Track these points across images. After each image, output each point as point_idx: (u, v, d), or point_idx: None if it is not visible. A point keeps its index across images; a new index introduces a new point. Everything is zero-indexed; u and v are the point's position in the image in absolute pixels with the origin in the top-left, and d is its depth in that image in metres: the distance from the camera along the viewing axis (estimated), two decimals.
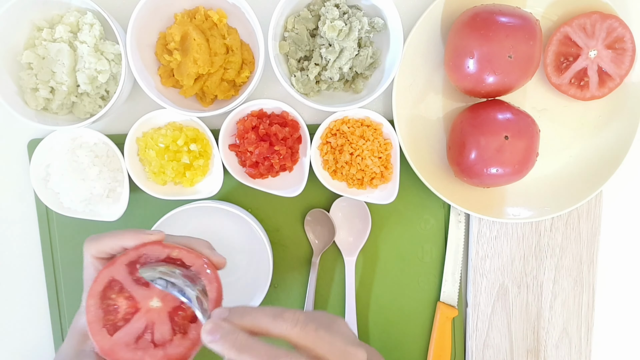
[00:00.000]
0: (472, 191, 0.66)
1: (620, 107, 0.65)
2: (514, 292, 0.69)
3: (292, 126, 0.63)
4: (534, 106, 0.66)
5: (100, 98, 0.63)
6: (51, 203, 0.63)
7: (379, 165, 0.63)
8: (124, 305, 0.40)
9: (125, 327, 0.40)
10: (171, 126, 0.63)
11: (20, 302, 0.70)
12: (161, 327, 0.40)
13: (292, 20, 0.62)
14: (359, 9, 0.63)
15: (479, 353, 0.69)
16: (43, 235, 0.68)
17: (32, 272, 0.69)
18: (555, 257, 0.69)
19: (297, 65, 0.64)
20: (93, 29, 0.60)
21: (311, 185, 0.64)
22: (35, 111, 0.61)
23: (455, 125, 0.63)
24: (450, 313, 0.68)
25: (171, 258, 0.42)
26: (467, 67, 0.58)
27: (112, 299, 0.40)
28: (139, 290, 0.41)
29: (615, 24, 0.60)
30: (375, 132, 0.64)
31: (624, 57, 0.61)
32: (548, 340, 0.70)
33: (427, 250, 0.70)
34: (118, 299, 0.40)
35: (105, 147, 0.64)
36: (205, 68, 0.60)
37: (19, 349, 0.70)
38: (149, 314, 0.40)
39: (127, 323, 0.40)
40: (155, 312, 0.41)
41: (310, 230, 0.69)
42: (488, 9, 0.59)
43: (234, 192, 0.68)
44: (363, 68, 0.63)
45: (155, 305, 0.41)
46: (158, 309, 0.41)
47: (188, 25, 0.60)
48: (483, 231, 0.69)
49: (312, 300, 0.67)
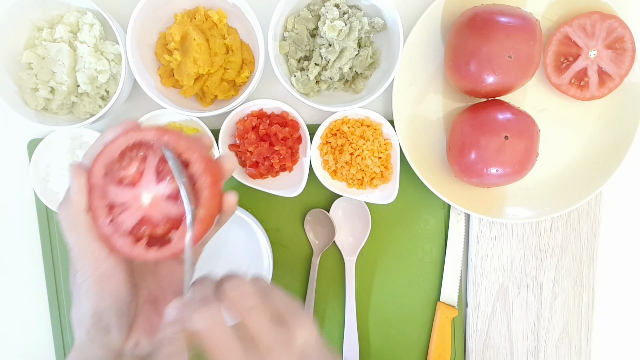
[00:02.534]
0: (472, 191, 0.66)
1: (620, 107, 0.65)
2: (514, 292, 0.69)
3: (292, 126, 0.63)
4: (534, 106, 0.66)
5: (100, 98, 0.63)
6: (51, 203, 0.63)
7: (379, 165, 0.63)
8: (122, 192, 0.38)
9: (124, 213, 0.38)
10: (171, 126, 0.63)
11: (20, 302, 0.70)
12: (155, 221, 0.38)
13: (292, 20, 0.62)
14: (359, 9, 0.63)
15: (479, 353, 0.69)
16: (43, 235, 0.68)
17: (32, 272, 0.69)
18: (555, 257, 0.69)
19: (297, 65, 0.64)
20: (93, 29, 0.60)
21: (311, 185, 0.64)
22: (35, 111, 0.61)
23: (455, 125, 0.63)
24: (450, 313, 0.68)
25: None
26: (467, 67, 0.58)
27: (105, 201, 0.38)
28: (125, 192, 0.38)
29: (615, 24, 0.60)
30: (375, 132, 0.64)
31: (624, 57, 0.61)
32: (548, 340, 0.70)
33: (427, 250, 0.70)
34: (115, 182, 0.38)
35: None
36: (205, 68, 0.60)
37: (19, 349, 0.70)
38: (141, 209, 0.38)
39: (126, 210, 0.38)
40: (146, 208, 0.38)
41: (310, 230, 0.69)
42: (488, 9, 0.59)
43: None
44: (363, 68, 0.63)
45: (146, 202, 0.38)
46: (150, 205, 0.38)
47: (188, 25, 0.60)
48: (483, 231, 0.69)
49: (312, 300, 0.67)
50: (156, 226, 0.39)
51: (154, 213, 0.39)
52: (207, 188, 0.37)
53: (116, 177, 0.38)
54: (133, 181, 0.38)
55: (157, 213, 0.38)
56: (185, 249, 0.37)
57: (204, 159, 0.38)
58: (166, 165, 0.38)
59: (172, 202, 0.38)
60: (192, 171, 0.38)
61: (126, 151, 0.38)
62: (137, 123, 0.39)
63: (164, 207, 0.39)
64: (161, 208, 0.38)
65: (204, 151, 0.39)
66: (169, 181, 0.38)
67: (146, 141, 0.38)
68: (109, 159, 0.38)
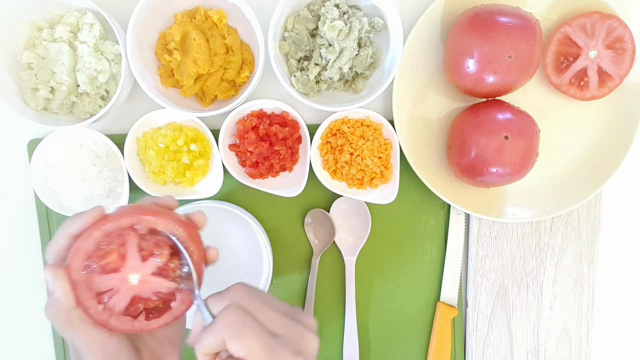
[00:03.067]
0: (472, 191, 0.66)
1: (620, 107, 0.65)
2: (514, 292, 0.69)
3: (292, 126, 0.63)
4: (534, 106, 0.66)
5: (100, 98, 0.63)
6: (51, 203, 0.63)
7: (379, 165, 0.63)
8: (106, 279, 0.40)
9: (114, 297, 0.40)
10: (171, 126, 0.63)
11: (20, 302, 0.70)
12: (146, 297, 0.41)
13: (292, 20, 0.62)
14: (359, 9, 0.63)
15: (479, 353, 0.69)
16: (43, 235, 0.68)
17: (32, 272, 0.69)
18: (555, 257, 0.69)
19: (297, 65, 0.64)
20: (93, 29, 0.60)
21: (311, 185, 0.64)
22: (35, 111, 0.61)
23: (455, 125, 0.63)
24: (450, 313, 0.68)
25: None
26: (467, 67, 0.58)
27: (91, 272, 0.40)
28: (110, 278, 0.40)
29: (615, 24, 0.60)
30: (375, 132, 0.64)
31: (624, 57, 0.61)
32: (548, 340, 0.70)
33: (427, 250, 0.70)
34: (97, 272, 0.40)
35: (105, 147, 0.64)
36: (205, 68, 0.60)
37: (19, 349, 0.70)
38: (131, 290, 0.40)
39: (115, 294, 0.40)
40: (135, 287, 0.40)
41: (310, 230, 0.69)
42: (488, 9, 0.59)
43: (234, 192, 0.68)
44: (363, 68, 0.63)
45: (134, 282, 0.40)
46: (138, 284, 0.40)
47: (188, 25, 0.60)
48: (483, 231, 0.69)
49: (312, 300, 0.67)
50: (147, 300, 0.41)
51: (143, 289, 0.41)
52: (195, 251, 0.41)
53: (97, 267, 0.40)
54: (115, 266, 0.40)
55: (146, 288, 0.41)
56: (197, 301, 0.40)
57: (183, 226, 0.41)
58: (145, 243, 0.40)
59: (160, 276, 0.41)
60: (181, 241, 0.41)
61: (102, 240, 0.40)
62: (101, 212, 0.41)
63: (153, 282, 0.41)
64: (150, 283, 0.41)
65: (176, 217, 0.42)
66: (155, 257, 0.41)
67: (124, 228, 0.40)
68: (86, 253, 0.39)
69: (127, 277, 0.40)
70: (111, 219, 0.40)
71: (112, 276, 0.40)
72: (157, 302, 0.41)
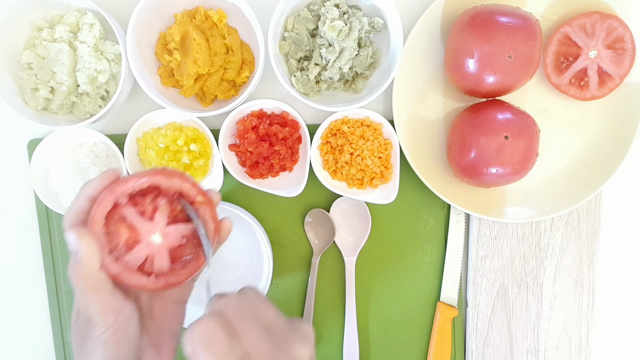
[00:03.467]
0: (472, 191, 0.66)
1: (620, 107, 0.65)
2: (514, 292, 0.69)
3: (292, 126, 0.63)
4: (534, 106, 0.66)
5: (100, 98, 0.63)
6: (51, 203, 0.63)
7: (379, 165, 0.63)
8: (126, 234, 0.41)
9: (128, 254, 0.41)
10: (171, 126, 0.63)
11: (20, 302, 0.70)
12: (160, 260, 0.42)
13: (292, 20, 0.62)
14: (359, 9, 0.63)
15: (479, 353, 0.69)
16: (43, 235, 0.68)
17: (32, 272, 0.69)
18: (555, 257, 0.69)
19: (297, 65, 0.64)
20: (93, 29, 0.60)
21: (311, 185, 0.64)
22: (35, 111, 0.61)
23: (455, 125, 0.63)
24: (450, 313, 0.68)
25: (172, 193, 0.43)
26: (467, 67, 0.58)
27: (116, 227, 0.41)
28: (143, 224, 0.41)
29: (615, 24, 0.60)
30: (375, 132, 0.64)
31: (624, 57, 0.61)
32: (548, 340, 0.70)
33: (427, 250, 0.70)
34: (121, 228, 0.41)
35: (105, 147, 0.64)
36: (205, 68, 0.60)
37: (19, 349, 0.70)
38: (150, 247, 0.42)
39: (130, 251, 0.41)
40: (155, 246, 0.42)
41: (310, 230, 0.69)
42: (488, 9, 0.59)
43: (234, 192, 0.68)
44: (363, 68, 0.63)
45: (156, 241, 0.42)
46: (158, 245, 0.42)
47: (188, 25, 0.60)
48: (483, 231, 0.69)
49: (312, 300, 0.67)
50: (160, 260, 0.42)
51: (160, 250, 0.42)
52: (210, 219, 0.43)
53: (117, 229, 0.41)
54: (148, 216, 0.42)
55: (163, 250, 0.42)
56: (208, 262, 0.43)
57: (202, 192, 0.43)
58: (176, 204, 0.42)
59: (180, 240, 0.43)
60: (197, 207, 0.43)
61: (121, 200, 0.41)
62: (115, 174, 0.42)
63: (171, 244, 0.43)
64: (168, 244, 0.42)
65: (198, 186, 0.44)
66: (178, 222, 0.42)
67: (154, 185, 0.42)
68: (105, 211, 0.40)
69: (153, 232, 0.42)
70: (129, 179, 0.41)
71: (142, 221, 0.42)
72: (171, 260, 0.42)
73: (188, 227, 0.43)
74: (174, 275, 0.42)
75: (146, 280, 0.41)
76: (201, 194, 0.43)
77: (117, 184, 0.40)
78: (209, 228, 0.43)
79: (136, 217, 0.41)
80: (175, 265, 0.42)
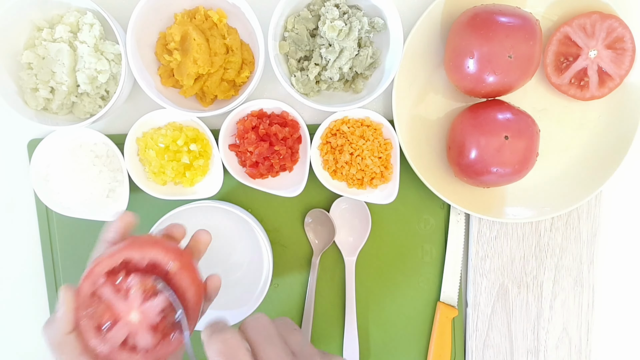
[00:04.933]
0: (472, 191, 0.66)
1: (620, 107, 0.65)
2: (514, 292, 0.69)
3: (292, 126, 0.63)
4: (534, 106, 0.66)
5: (100, 98, 0.63)
6: (51, 203, 0.63)
7: (379, 165, 0.63)
8: (107, 313, 0.42)
9: (110, 332, 0.41)
10: (171, 126, 0.63)
11: (20, 302, 0.70)
12: (142, 337, 0.42)
13: (292, 20, 0.62)
14: (359, 9, 0.63)
15: (479, 353, 0.69)
16: (43, 235, 0.68)
17: (32, 272, 0.69)
18: (555, 257, 0.69)
19: (297, 65, 0.64)
20: (93, 29, 0.60)
21: (311, 185, 0.64)
22: (35, 111, 0.61)
23: (455, 125, 0.63)
24: (450, 313, 0.68)
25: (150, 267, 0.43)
26: (467, 67, 0.58)
27: (98, 305, 0.41)
28: (119, 302, 0.42)
29: (615, 24, 0.60)
30: (375, 132, 0.64)
31: (624, 57, 0.61)
32: (548, 340, 0.70)
33: (427, 250, 0.70)
34: (100, 306, 0.42)
35: (105, 147, 0.64)
36: (205, 68, 0.60)
37: (19, 349, 0.70)
38: (129, 325, 0.42)
39: (111, 330, 0.41)
40: (134, 324, 0.42)
41: (310, 230, 0.69)
42: (488, 9, 0.59)
43: (234, 192, 0.68)
44: (363, 68, 0.63)
45: (134, 320, 0.42)
46: (137, 323, 0.42)
47: (188, 25, 0.60)
48: (483, 231, 0.69)
49: (312, 300, 0.67)
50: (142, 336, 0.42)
51: (140, 327, 0.42)
52: (189, 284, 0.42)
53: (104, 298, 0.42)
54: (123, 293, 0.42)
55: (143, 326, 0.42)
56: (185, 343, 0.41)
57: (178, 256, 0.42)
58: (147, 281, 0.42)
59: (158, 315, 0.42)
60: (172, 276, 0.42)
61: (113, 271, 0.42)
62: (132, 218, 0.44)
63: (150, 320, 0.42)
64: (147, 321, 0.42)
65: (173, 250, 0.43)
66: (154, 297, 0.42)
67: (131, 260, 0.42)
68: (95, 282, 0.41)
69: (128, 311, 0.42)
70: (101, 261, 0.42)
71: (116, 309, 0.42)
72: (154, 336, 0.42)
73: (165, 299, 0.42)
74: (163, 346, 0.42)
75: (137, 357, 0.41)
76: (177, 258, 0.42)
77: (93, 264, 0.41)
78: (189, 296, 0.42)
79: (112, 295, 0.41)
80: (161, 338, 0.42)
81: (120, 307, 0.41)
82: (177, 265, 0.42)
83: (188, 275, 0.42)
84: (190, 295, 0.42)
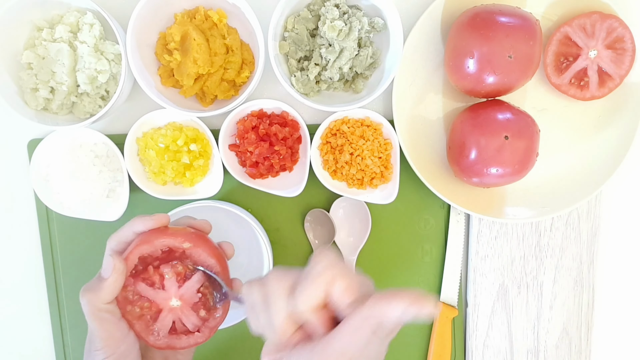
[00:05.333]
0: (472, 191, 0.66)
1: (620, 107, 0.65)
2: (514, 292, 0.69)
3: (292, 126, 0.63)
4: (534, 106, 0.66)
5: (100, 98, 0.63)
6: (51, 203, 0.63)
7: (379, 165, 0.63)
8: (147, 308, 0.44)
9: (156, 324, 0.44)
10: (171, 126, 0.63)
11: (20, 302, 0.70)
12: (188, 318, 0.45)
13: (292, 20, 0.62)
14: (359, 9, 0.63)
15: (479, 353, 0.69)
16: (43, 235, 0.68)
17: (32, 272, 0.69)
18: (555, 257, 0.69)
19: (297, 65, 0.64)
20: (93, 29, 0.60)
21: (311, 185, 0.64)
22: (35, 111, 0.61)
23: (455, 125, 0.63)
24: (450, 313, 0.68)
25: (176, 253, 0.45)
26: (467, 67, 0.58)
27: (134, 304, 0.44)
28: (157, 294, 0.44)
29: (615, 24, 0.60)
30: (375, 132, 0.64)
31: (624, 57, 0.61)
32: (548, 340, 0.70)
33: (427, 250, 0.70)
34: (140, 304, 0.44)
35: (105, 147, 0.64)
36: (205, 68, 0.60)
37: (19, 349, 0.70)
38: (173, 311, 0.44)
39: (155, 322, 0.44)
40: (177, 309, 0.44)
41: (310, 230, 0.69)
42: (488, 9, 0.59)
43: (234, 192, 0.68)
44: (363, 68, 0.63)
45: (175, 305, 0.44)
46: (180, 307, 0.44)
47: (188, 25, 0.60)
48: (483, 231, 0.69)
49: None
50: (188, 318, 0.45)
51: (179, 311, 0.45)
52: (207, 256, 0.45)
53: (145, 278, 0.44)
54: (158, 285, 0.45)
55: (181, 311, 0.45)
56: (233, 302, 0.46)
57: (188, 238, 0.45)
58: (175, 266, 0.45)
59: (193, 299, 0.45)
60: (191, 254, 0.45)
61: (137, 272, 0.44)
62: (166, 220, 0.46)
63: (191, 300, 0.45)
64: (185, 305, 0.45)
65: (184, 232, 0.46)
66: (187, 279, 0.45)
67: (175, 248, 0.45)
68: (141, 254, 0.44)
69: (168, 297, 0.44)
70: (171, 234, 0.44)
71: (156, 292, 0.44)
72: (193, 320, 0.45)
73: (196, 278, 0.44)
74: (212, 320, 0.45)
75: (195, 337, 0.44)
76: (187, 238, 0.44)
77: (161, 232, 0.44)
78: (213, 263, 0.45)
79: (148, 290, 0.44)
80: (207, 312, 0.45)
81: (159, 298, 0.44)
82: (189, 244, 0.44)
83: (205, 248, 0.45)
84: (214, 263, 0.45)
